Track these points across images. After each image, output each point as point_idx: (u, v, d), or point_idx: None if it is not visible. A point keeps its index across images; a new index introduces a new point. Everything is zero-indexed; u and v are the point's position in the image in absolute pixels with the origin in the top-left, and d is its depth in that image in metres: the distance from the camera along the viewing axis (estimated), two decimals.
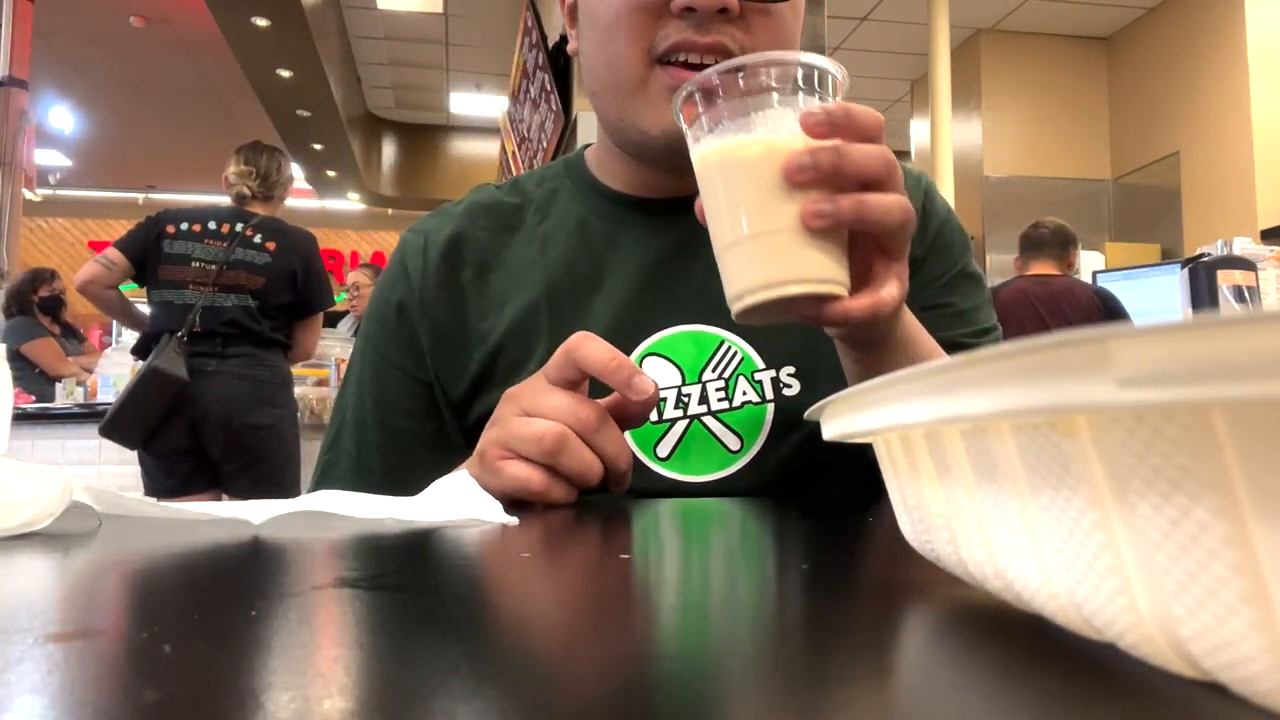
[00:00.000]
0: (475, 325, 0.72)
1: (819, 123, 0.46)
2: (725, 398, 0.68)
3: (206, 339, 2.42)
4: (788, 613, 0.27)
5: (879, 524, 0.47)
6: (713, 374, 0.68)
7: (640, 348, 0.69)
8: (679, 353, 0.69)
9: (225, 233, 2.46)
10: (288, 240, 2.52)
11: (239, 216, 2.51)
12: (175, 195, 9.50)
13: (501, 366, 0.70)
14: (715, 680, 0.19)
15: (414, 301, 0.73)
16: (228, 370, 2.43)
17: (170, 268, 2.45)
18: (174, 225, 2.47)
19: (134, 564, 0.35)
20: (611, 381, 0.54)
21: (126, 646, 0.21)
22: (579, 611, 0.27)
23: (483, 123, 8.45)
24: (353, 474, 0.73)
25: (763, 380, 0.68)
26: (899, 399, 0.21)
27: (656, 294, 0.70)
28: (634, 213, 0.73)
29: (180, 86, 7.34)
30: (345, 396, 0.76)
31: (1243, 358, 0.12)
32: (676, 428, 0.67)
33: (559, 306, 0.70)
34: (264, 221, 2.52)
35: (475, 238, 0.74)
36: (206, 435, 2.42)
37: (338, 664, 0.19)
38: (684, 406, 0.67)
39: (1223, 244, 4.34)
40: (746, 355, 0.69)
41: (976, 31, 5.88)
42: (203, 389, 2.39)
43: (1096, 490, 0.16)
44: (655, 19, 0.61)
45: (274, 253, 2.48)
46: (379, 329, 0.75)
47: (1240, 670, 0.14)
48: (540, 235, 0.74)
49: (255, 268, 2.45)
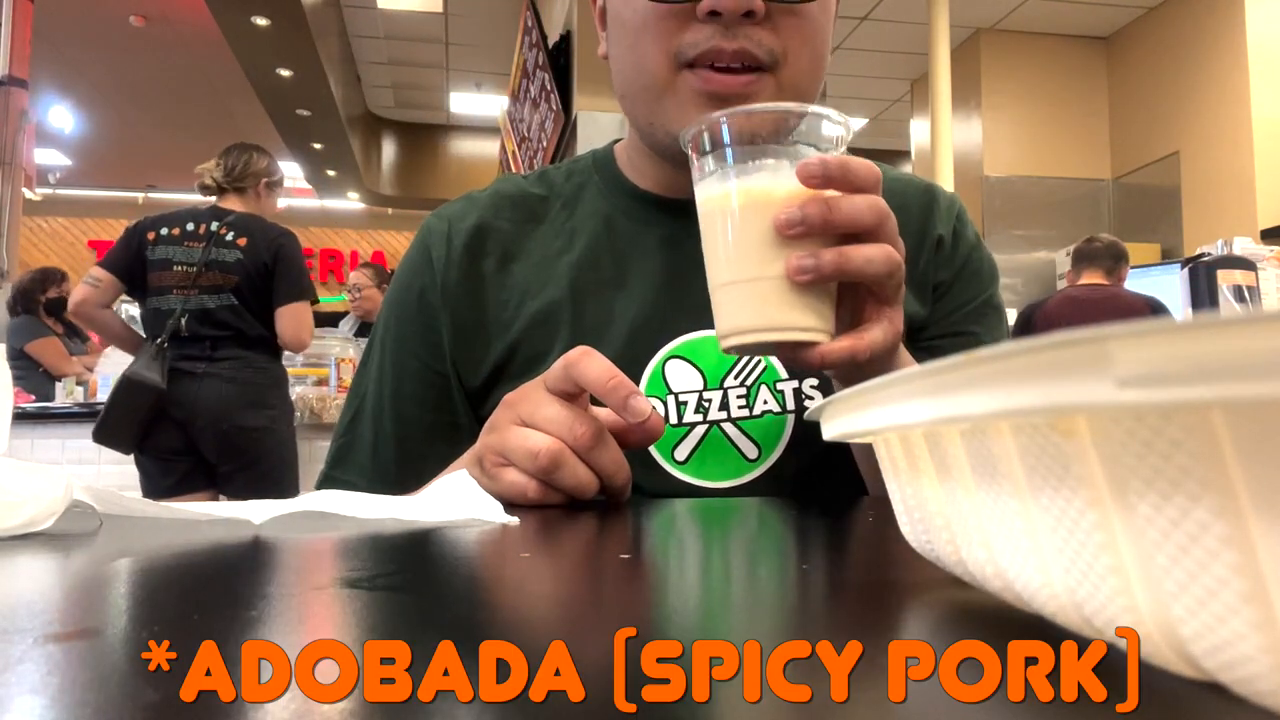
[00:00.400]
0: (497, 315, 0.72)
1: (814, 175, 0.48)
2: (746, 405, 0.67)
3: (196, 342, 2.43)
4: (788, 612, 0.27)
5: (879, 524, 0.47)
6: (735, 380, 0.68)
7: (663, 351, 0.69)
8: (702, 357, 0.68)
9: (202, 233, 2.47)
10: (259, 235, 2.51)
11: (214, 215, 2.51)
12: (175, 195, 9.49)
13: (520, 359, 0.70)
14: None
15: (435, 290, 0.73)
16: (217, 373, 2.43)
17: (156, 274, 2.46)
18: (153, 231, 2.49)
19: (134, 564, 0.35)
20: (608, 401, 0.53)
21: (126, 646, 0.21)
22: (579, 611, 0.27)
23: (483, 122, 8.45)
24: (370, 461, 0.73)
25: (785, 390, 0.68)
26: (899, 399, 0.21)
27: (681, 297, 0.69)
28: (661, 213, 0.73)
29: (180, 86, 7.34)
30: (364, 381, 0.76)
31: (1242, 358, 0.12)
32: (695, 432, 0.67)
33: (582, 303, 0.70)
34: (239, 219, 2.51)
35: (500, 228, 0.74)
36: (198, 438, 2.43)
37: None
38: (704, 411, 0.67)
39: (1223, 244, 4.34)
40: (770, 364, 0.68)
41: (976, 31, 5.88)
42: (192, 392, 2.40)
43: (1096, 490, 0.16)
44: (682, 23, 0.61)
45: (245, 248, 2.47)
46: (399, 316, 0.75)
47: (1240, 670, 0.14)
48: (567, 230, 0.74)
49: (228, 265, 2.45)
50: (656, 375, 0.68)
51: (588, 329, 0.69)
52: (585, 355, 0.54)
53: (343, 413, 0.77)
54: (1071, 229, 5.74)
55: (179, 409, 2.39)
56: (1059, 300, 3.21)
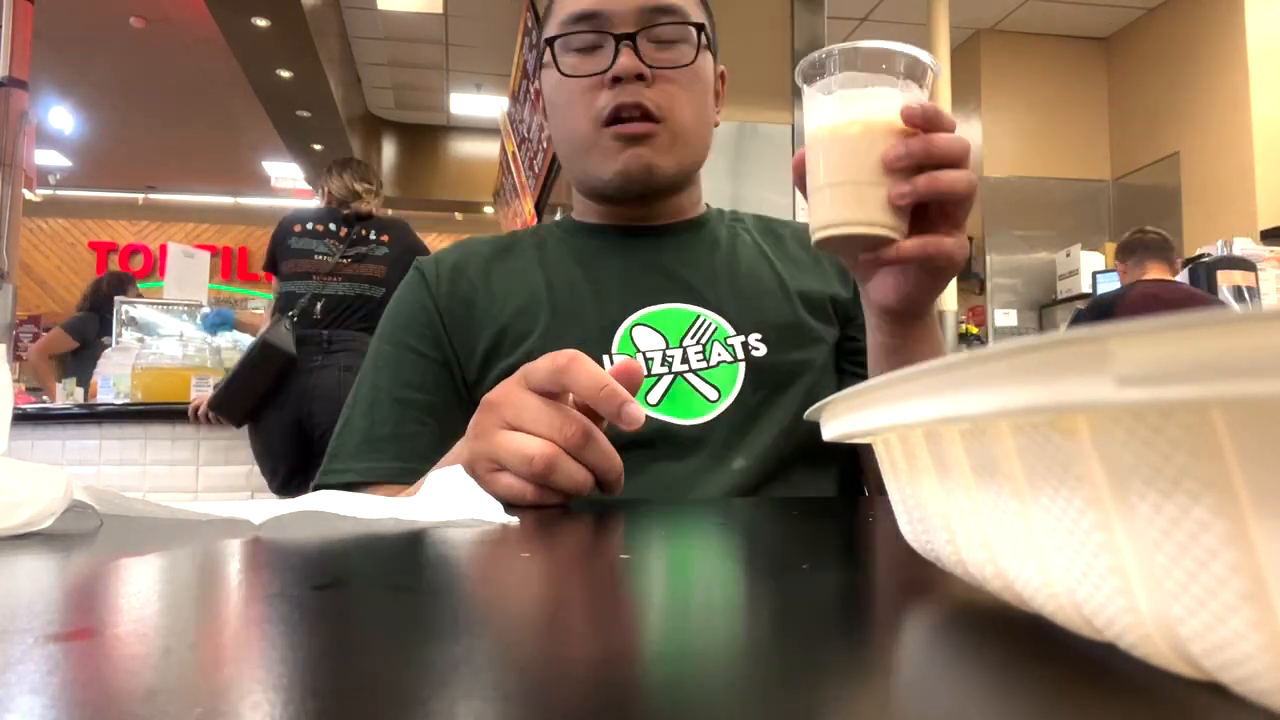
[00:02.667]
0: (485, 309, 0.84)
1: (914, 115, 0.58)
2: (703, 358, 0.81)
3: (315, 329, 2.58)
4: (787, 613, 0.27)
5: (879, 524, 0.47)
6: (692, 340, 0.82)
7: (629, 319, 0.82)
8: (663, 324, 0.82)
9: (343, 236, 2.69)
10: (400, 235, 2.76)
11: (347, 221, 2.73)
12: (175, 196, 9.50)
13: (508, 342, 0.82)
14: (715, 680, 0.19)
15: (430, 299, 0.85)
16: (332, 364, 2.55)
17: (294, 262, 2.65)
18: (299, 224, 2.70)
19: (134, 564, 0.35)
20: (602, 410, 0.54)
21: (126, 646, 0.21)
22: (579, 612, 0.27)
23: (483, 123, 8.44)
24: (362, 448, 0.80)
25: (734, 344, 0.82)
26: (898, 399, 0.21)
27: (639, 284, 0.85)
28: (615, 235, 0.90)
29: (180, 87, 7.34)
30: (358, 390, 0.84)
31: (1242, 356, 0.12)
32: (663, 381, 0.80)
33: (556, 291, 0.84)
34: (379, 221, 2.75)
35: (475, 260, 0.89)
36: (315, 427, 2.51)
37: (337, 664, 0.20)
38: (669, 365, 0.80)
39: (1223, 244, 4.34)
40: (719, 325, 0.83)
41: (976, 32, 5.88)
42: (309, 385, 2.51)
43: (1096, 490, 0.16)
44: (596, 93, 0.82)
45: (390, 244, 2.71)
46: (396, 326, 0.86)
47: (1240, 670, 0.14)
48: (537, 256, 0.89)
49: (377, 258, 2.67)
50: (626, 338, 0.82)
51: (564, 310, 0.83)
52: (574, 361, 0.54)
53: (336, 428, 0.84)
54: (1071, 230, 5.74)
55: (299, 398, 2.50)
56: (1140, 297, 3.15)
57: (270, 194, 9.15)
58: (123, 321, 3.66)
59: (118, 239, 9.66)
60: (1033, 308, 5.75)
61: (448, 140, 9.05)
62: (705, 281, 0.85)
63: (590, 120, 0.82)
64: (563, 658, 0.21)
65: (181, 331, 3.59)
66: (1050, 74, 5.87)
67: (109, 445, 2.77)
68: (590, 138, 0.83)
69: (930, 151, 0.58)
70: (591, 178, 0.85)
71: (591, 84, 0.82)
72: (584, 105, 0.82)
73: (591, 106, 0.82)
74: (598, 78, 0.81)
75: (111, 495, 0.44)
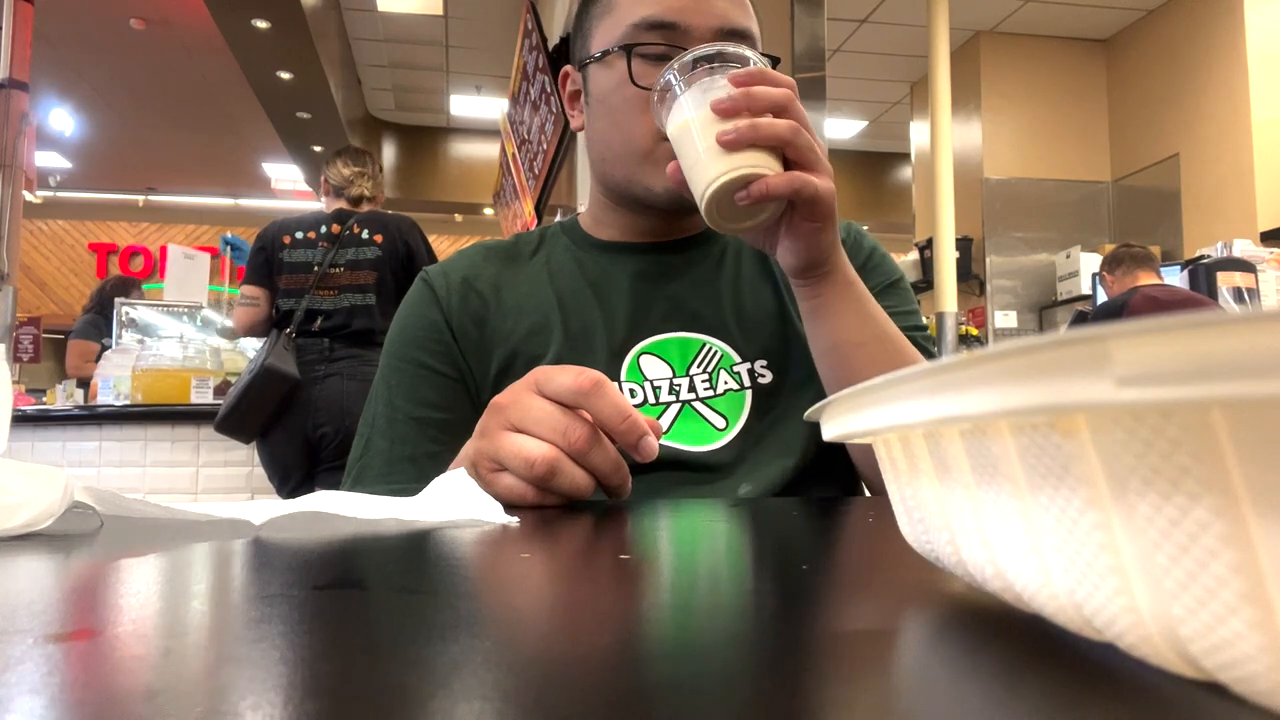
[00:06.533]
0: (496, 328, 0.85)
1: (738, 77, 0.67)
2: (710, 387, 0.82)
3: (315, 342, 2.52)
4: (787, 612, 0.27)
5: (879, 524, 0.47)
6: (698, 369, 0.82)
7: (636, 348, 0.83)
8: (669, 353, 0.83)
9: (335, 234, 2.59)
10: (393, 229, 2.65)
11: (338, 218, 2.63)
12: (175, 197, 9.50)
13: (520, 363, 0.82)
14: (715, 680, 0.19)
15: (441, 315, 0.85)
16: (335, 372, 2.52)
17: (289, 276, 2.56)
18: (288, 235, 2.60)
19: (134, 564, 0.35)
20: (621, 440, 0.55)
21: (126, 646, 0.21)
22: (579, 612, 0.27)
23: (483, 125, 8.45)
24: (386, 469, 0.81)
25: (741, 372, 0.83)
26: (898, 399, 0.21)
27: (648, 307, 0.85)
28: (626, 254, 0.89)
29: (180, 88, 7.34)
30: (374, 407, 0.84)
31: (1242, 356, 0.12)
32: (671, 410, 0.80)
33: (568, 313, 0.85)
34: (368, 216, 2.64)
35: (485, 272, 0.89)
36: (321, 438, 2.49)
37: (338, 665, 0.19)
38: (676, 394, 0.81)
39: (1222, 246, 4.34)
40: (725, 353, 0.83)
41: (976, 34, 5.88)
42: (314, 395, 2.48)
43: (1096, 490, 0.16)
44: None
45: (383, 245, 2.61)
46: (407, 342, 0.86)
47: (1240, 670, 0.14)
48: (545, 269, 0.89)
49: (370, 262, 2.58)
50: (633, 366, 0.82)
51: (575, 331, 0.84)
52: (599, 386, 0.55)
53: (354, 446, 0.84)
54: (1071, 231, 5.74)
55: (305, 411, 2.47)
56: (1144, 300, 3.20)
57: (270, 195, 9.15)
58: (123, 323, 3.67)
59: (118, 240, 9.67)
60: (1032, 309, 5.75)
61: (448, 142, 9.06)
62: (711, 308, 0.85)
63: (651, 133, 0.80)
64: (563, 658, 0.21)
65: (182, 333, 3.59)
66: (1050, 76, 5.88)
67: (109, 446, 2.77)
68: (647, 148, 0.82)
69: (752, 95, 0.65)
70: (640, 186, 0.83)
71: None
72: (647, 114, 0.80)
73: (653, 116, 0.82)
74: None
75: (112, 496, 0.44)
